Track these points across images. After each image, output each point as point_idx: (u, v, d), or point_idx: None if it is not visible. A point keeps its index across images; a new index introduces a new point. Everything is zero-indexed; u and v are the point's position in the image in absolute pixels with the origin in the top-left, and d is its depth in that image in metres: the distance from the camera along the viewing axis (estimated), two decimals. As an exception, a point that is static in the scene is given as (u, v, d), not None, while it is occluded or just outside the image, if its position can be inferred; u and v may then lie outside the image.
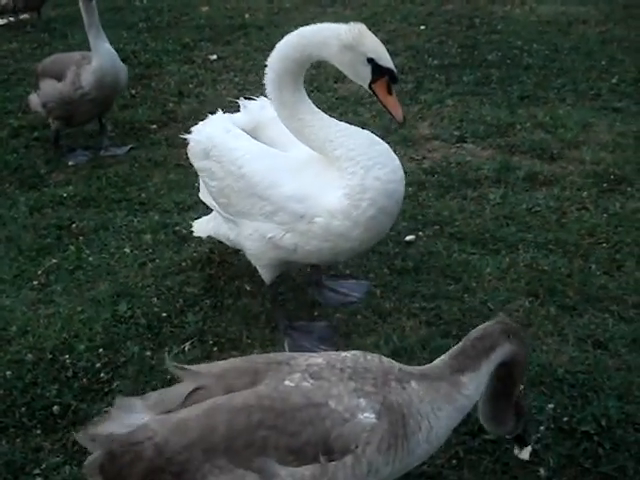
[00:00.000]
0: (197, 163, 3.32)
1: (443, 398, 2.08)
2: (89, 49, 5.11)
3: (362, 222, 2.90)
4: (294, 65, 2.98)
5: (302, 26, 7.83)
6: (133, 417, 1.99)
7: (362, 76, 2.91)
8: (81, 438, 2.02)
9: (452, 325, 3.36)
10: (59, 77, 5.08)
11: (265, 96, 3.23)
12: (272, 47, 7.14)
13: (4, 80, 6.88)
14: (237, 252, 3.67)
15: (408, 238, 4.04)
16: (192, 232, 3.87)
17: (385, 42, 7.02)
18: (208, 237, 3.72)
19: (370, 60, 2.84)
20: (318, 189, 2.94)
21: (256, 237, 3.11)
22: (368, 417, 1.94)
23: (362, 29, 2.84)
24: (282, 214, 2.98)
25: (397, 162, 2.99)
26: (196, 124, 3.45)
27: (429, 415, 2.04)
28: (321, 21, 7.74)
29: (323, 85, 6.28)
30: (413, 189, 4.51)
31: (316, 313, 3.55)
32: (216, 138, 3.21)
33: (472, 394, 2.14)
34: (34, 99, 5.34)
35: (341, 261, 3.61)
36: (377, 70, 2.87)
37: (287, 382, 1.97)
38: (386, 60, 2.85)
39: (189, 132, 3.43)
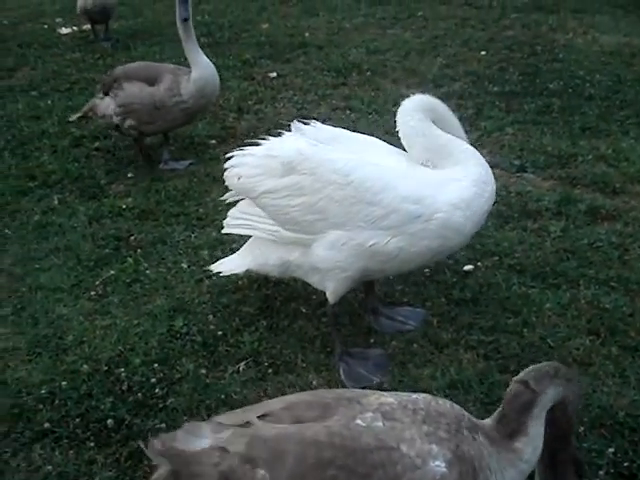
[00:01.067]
0: (271, 183, 3.24)
1: (506, 460, 2.03)
2: (154, 61, 5.22)
3: (479, 214, 3.17)
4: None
5: (362, 46, 7.88)
6: (201, 440, 1.97)
7: None
8: (151, 450, 2.00)
9: (510, 360, 3.29)
10: (151, 82, 5.12)
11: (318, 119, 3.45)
12: (331, 67, 7.22)
13: (67, 89, 7.00)
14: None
15: (466, 268, 3.98)
16: (218, 274, 3.72)
17: (445, 67, 7.10)
18: (246, 271, 3.61)
19: None
20: (434, 188, 3.11)
21: (349, 247, 3.11)
22: (439, 466, 1.89)
23: None
24: (394, 217, 3.05)
25: None
26: (254, 141, 3.46)
27: (497, 473, 1.99)
28: (381, 43, 7.78)
29: (382, 108, 6.25)
30: (472, 218, 4.45)
31: (372, 340, 3.51)
32: (306, 150, 3.20)
33: (530, 458, 2.08)
34: (103, 104, 5.31)
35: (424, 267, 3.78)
36: None
37: (358, 421, 1.93)
38: None
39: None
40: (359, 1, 10.06)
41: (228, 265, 3.65)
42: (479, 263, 4.03)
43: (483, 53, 7.61)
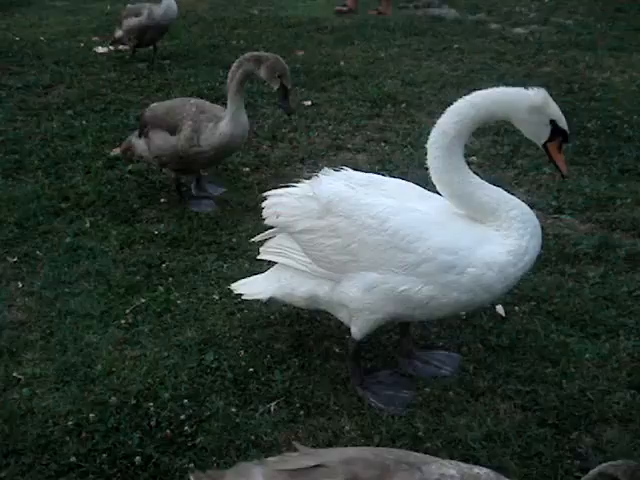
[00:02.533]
0: (308, 223, 3.23)
1: None
2: (190, 83, 5.13)
3: (511, 280, 3.09)
4: (471, 125, 3.16)
5: (397, 77, 7.84)
6: None
7: (540, 135, 3.19)
8: None
9: (549, 413, 3.20)
10: (172, 130, 4.81)
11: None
12: (366, 97, 7.19)
13: (102, 109, 7.00)
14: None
15: (503, 312, 3.90)
16: (239, 295, 3.69)
17: (482, 102, 7.01)
18: (270, 299, 3.52)
19: (552, 122, 3.13)
20: (471, 242, 3.06)
21: (380, 290, 3.08)
22: None
23: (546, 95, 3.14)
24: (427, 266, 3.01)
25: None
26: (288, 170, 3.46)
27: None
28: (416, 75, 7.73)
29: (417, 141, 6.19)
30: (509, 259, 4.37)
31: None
32: (343, 193, 3.18)
33: None
34: (140, 145, 5.09)
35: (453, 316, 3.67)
36: (556, 131, 3.15)
37: (419, 491, 1.85)
38: (564, 124, 3.16)
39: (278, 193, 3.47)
40: (394, 31, 10.05)
41: (252, 288, 3.61)
42: (516, 307, 3.95)
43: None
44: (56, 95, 7.51)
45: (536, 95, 3.14)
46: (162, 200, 5.18)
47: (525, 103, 3.14)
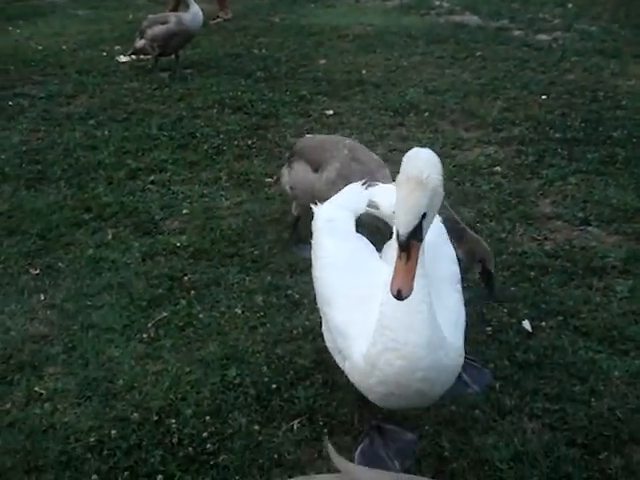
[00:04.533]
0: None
1: None
2: (212, 92, 5.04)
3: (377, 392, 2.67)
4: None
5: (420, 86, 7.80)
6: None
7: None
8: None
9: (578, 433, 3.12)
10: (316, 166, 4.28)
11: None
12: (389, 106, 7.14)
13: (124, 119, 7.01)
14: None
15: (530, 328, 3.83)
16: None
17: (505, 110, 6.97)
18: None
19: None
20: (358, 332, 2.68)
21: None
22: None
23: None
24: (328, 334, 2.97)
25: (421, 352, 2.51)
26: None
27: None
28: (439, 83, 7.67)
29: (440, 151, 6.14)
30: (535, 273, 4.31)
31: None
32: (317, 223, 3.16)
33: None
34: (284, 174, 4.67)
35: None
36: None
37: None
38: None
39: None
40: (416, 39, 9.99)
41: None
42: (543, 323, 3.87)
43: (544, 97, 7.46)
44: (79, 105, 7.54)
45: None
46: (184, 211, 5.16)
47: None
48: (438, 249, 2.88)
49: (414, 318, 2.49)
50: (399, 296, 2.34)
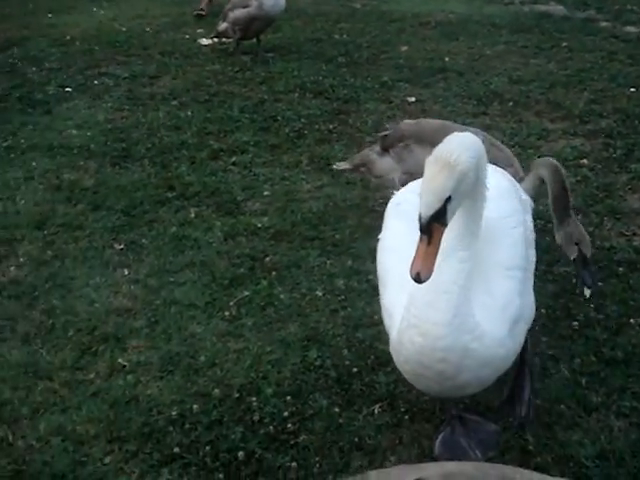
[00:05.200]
0: None
1: None
2: (293, 76, 4.95)
3: (406, 370, 2.68)
4: None
5: (504, 75, 7.61)
6: None
7: None
8: None
9: (667, 433, 3.03)
10: None
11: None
12: (472, 95, 7.01)
13: (206, 100, 7.07)
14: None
15: (617, 323, 3.71)
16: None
17: (592, 102, 6.77)
18: None
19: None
20: (400, 312, 2.64)
21: None
22: None
23: None
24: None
25: (440, 331, 2.48)
26: None
27: None
28: (523, 73, 7.49)
29: (524, 141, 6.01)
30: (623, 269, 4.17)
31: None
32: (389, 205, 3.13)
33: None
34: (382, 162, 4.58)
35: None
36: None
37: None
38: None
39: None
40: (500, 27, 9.78)
41: None
42: (631, 320, 3.75)
43: (632, 90, 7.21)
44: (162, 85, 7.64)
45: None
46: (265, 193, 5.17)
47: None
48: (500, 232, 2.77)
49: (439, 297, 2.48)
50: (418, 279, 2.34)
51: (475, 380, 2.61)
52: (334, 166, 5.13)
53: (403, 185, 3.99)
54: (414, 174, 3.99)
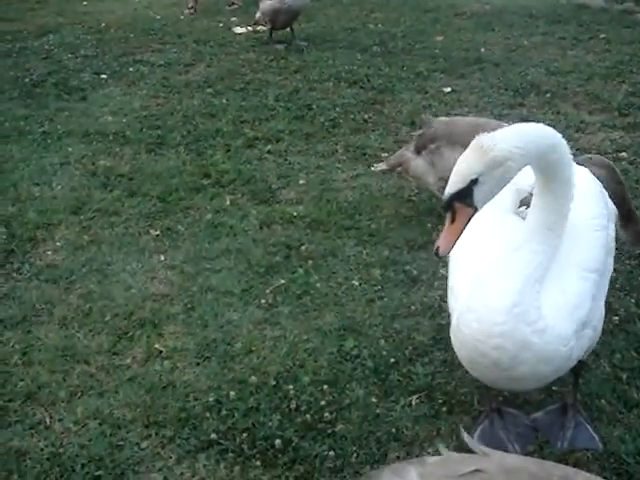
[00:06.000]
0: None
1: None
2: (328, 65, 4.96)
3: (463, 356, 2.66)
4: None
5: (541, 66, 7.47)
6: None
7: None
8: None
9: None
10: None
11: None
12: (508, 86, 6.91)
13: (241, 89, 7.06)
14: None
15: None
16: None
17: (631, 94, 6.65)
18: None
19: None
20: (464, 291, 2.66)
21: None
22: None
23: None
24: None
25: (496, 317, 2.46)
26: None
27: None
28: (561, 64, 7.36)
29: (562, 134, 5.90)
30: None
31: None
32: None
33: None
34: (417, 163, 4.48)
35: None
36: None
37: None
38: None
39: None
40: (537, 18, 9.67)
41: None
42: (674, 316, 3.69)
43: (673, 83, 7.10)
44: (196, 73, 7.64)
45: None
46: (301, 182, 5.15)
47: None
48: (583, 233, 2.72)
49: (501, 283, 2.47)
50: (436, 254, 2.41)
51: (532, 375, 2.56)
52: (372, 168, 5.09)
53: (440, 191, 3.95)
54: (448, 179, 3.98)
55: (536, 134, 2.45)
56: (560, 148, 2.48)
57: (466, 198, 2.35)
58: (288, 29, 8.59)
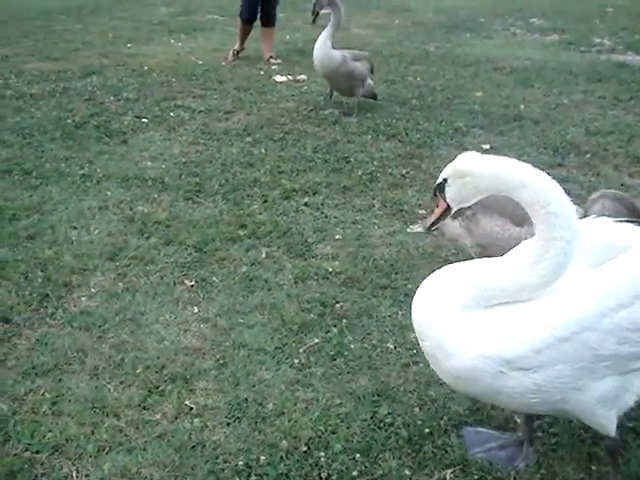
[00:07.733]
0: None
1: None
2: (366, 118, 4.88)
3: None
4: None
5: (581, 126, 7.41)
6: None
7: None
8: None
9: None
10: (518, 219, 3.80)
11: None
12: (548, 144, 6.86)
13: (280, 139, 7.08)
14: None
15: None
16: None
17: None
18: None
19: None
20: None
21: None
22: None
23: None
24: None
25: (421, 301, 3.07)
26: None
27: None
28: (601, 124, 7.30)
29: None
30: None
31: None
32: None
33: None
34: (453, 226, 4.19)
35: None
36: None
37: None
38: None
39: None
40: (577, 76, 9.66)
41: None
42: None
43: None
44: (236, 121, 7.69)
45: None
46: (337, 237, 5.12)
47: None
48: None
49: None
50: None
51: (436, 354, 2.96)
52: (408, 230, 5.06)
53: (478, 256, 3.92)
54: (486, 247, 3.96)
55: (507, 168, 2.61)
56: (535, 189, 2.56)
57: (442, 192, 2.76)
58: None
